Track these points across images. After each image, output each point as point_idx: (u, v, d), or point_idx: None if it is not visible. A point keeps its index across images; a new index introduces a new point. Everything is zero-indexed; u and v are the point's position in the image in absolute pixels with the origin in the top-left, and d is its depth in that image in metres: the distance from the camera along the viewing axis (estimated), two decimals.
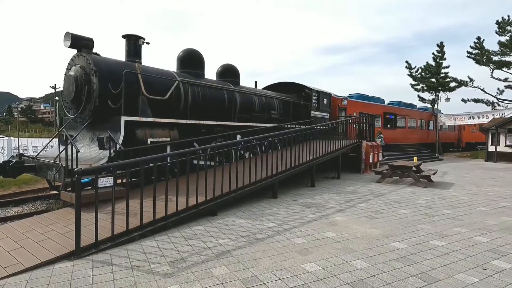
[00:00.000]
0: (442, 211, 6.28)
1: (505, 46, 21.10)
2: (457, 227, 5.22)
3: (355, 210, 6.27)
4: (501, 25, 21.82)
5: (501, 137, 18.76)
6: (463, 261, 3.80)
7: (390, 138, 19.70)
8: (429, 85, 24.12)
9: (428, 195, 7.99)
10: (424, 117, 24.49)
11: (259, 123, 10.93)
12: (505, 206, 6.80)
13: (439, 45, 24.12)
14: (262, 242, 4.39)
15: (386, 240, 4.50)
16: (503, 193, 8.37)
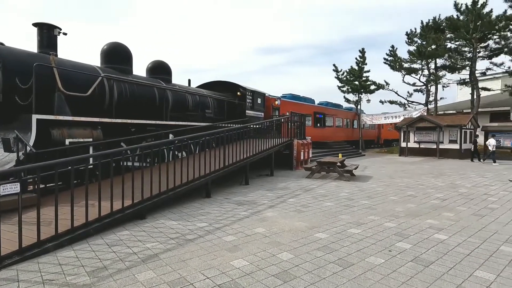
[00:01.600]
0: (360, 202, 6.95)
1: (413, 55, 24.15)
2: (372, 215, 5.84)
3: (285, 205, 6.58)
4: (409, 36, 24.93)
5: (411, 134, 21.44)
6: (374, 245, 4.27)
7: (320, 136, 21.08)
8: (353, 87, 26.43)
9: (350, 188, 8.77)
10: (349, 116, 26.74)
11: (193, 122, 10.74)
12: (410, 195, 7.81)
13: (361, 51, 26.56)
14: (192, 242, 4.34)
15: (310, 232, 4.82)
16: (410, 183, 9.60)
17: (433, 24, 23.41)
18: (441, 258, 3.84)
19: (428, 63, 24.26)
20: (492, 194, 7.94)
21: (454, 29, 21.51)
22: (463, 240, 4.48)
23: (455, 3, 21.28)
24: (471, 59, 22.16)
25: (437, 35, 22.14)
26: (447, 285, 3.15)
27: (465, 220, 5.52)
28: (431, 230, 4.93)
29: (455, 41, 22.73)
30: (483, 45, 21.98)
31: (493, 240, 4.50)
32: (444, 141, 19.95)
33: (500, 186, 9.27)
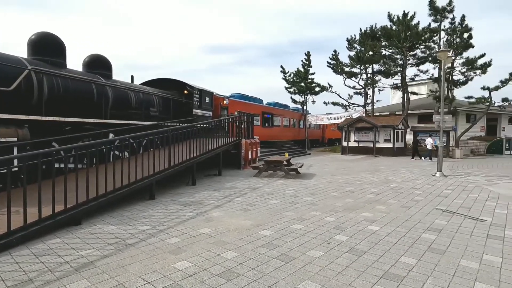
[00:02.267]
0: (304, 199, 7.26)
1: (353, 60, 25.90)
2: (314, 211, 6.13)
3: (232, 205, 6.60)
4: (350, 42, 26.68)
5: (351, 134, 22.97)
6: (315, 239, 4.49)
7: (268, 135, 21.54)
8: (299, 89, 27.49)
9: (295, 185, 9.11)
10: (296, 117, 27.73)
11: (137, 121, 10.24)
12: (349, 190, 8.37)
13: (306, 54, 27.72)
14: (133, 247, 4.14)
15: (256, 230, 4.91)
16: (349, 180, 10.28)
17: (370, 32, 25.33)
18: (373, 247, 4.19)
19: (366, 68, 26.20)
20: (417, 188, 8.86)
21: (388, 38, 23.52)
22: (392, 230, 4.93)
23: (388, 14, 23.29)
24: (402, 65, 24.44)
25: (374, 43, 24.01)
26: (377, 272, 3.44)
27: (394, 212, 6.08)
28: (365, 222, 5.34)
29: (389, 48, 24.83)
30: (412, 54, 24.35)
31: (416, 229, 5.02)
32: (380, 140, 21.73)
33: (425, 180, 10.38)
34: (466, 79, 22.86)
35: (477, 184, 9.54)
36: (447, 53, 11.20)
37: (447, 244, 4.35)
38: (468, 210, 6.35)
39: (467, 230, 5.00)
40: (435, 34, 22.19)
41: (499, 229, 5.04)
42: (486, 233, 4.85)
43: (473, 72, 22.21)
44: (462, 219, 5.66)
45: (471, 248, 4.21)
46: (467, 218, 5.73)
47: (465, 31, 21.35)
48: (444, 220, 5.57)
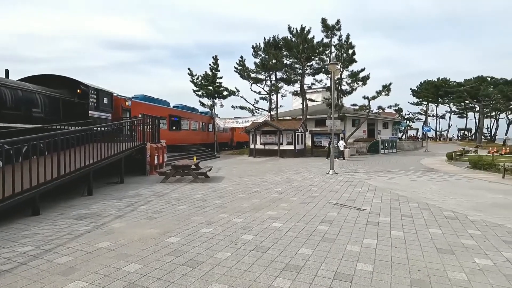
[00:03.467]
0: (213, 202, 7.30)
1: (258, 66, 27.31)
2: (222, 213, 6.22)
3: (136, 214, 6.18)
4: (255, 50, 28.04)
5: (258, 137, 24.11)
6: (222, 241, 4.57)
7: (176, 139, 20.90)
8: (208, 92, 27.51)
9: (204, 189, 9.07)
10: (205, 120, 27.65)
11: (13, 123, 8.65)
12: (256, 191, 8.77)
13: (214, 58, 27.95)
14: (10, 273, 3.49)
15: (162, 238, 4.71)
16: (256, 181, 10.78)
17: (273, 41, 27.13)
18: (276, 243, 4.49)
19: (270, 75, 27.93)
20: (315, 185, 9.86)
21: (289, 48, 25.61)
22: (293, 225, 5.38)
23: (288, 26, 25.36)
24: (301, 74, 26.92)
25: (276, 52, 25.79)
26: (279, 265, 3.71)
27: (295, 209, 6.64)
28: (270, 220, 5.69)
29: (289, 58, 27.03)
30: (309, 64, 27.05)
31: (313, 222, 5.60)
32: (283, 143, 23.39)
33: (320, 178, 11.63)
34: (351, 89, 26.57)
35: (360, 179, 11.18)
36: (336, 66, 12.84)
37: (337, 233, 4.97)
38: (353, 202, 7.39)
39: (352, 219, 5.81)
40: (327, 48, 25.15)
41: (376, 216, 6.01)
42: (366, 220, 5.73)
43: (356, 84, 25.98)
44: (349, 210, 6.55)
45: (355, 234, 4.92)
46: (352, 209, 6.65)
47: (350, 48, 24.85)
48: (335, 212, 6.35)
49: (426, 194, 8.32)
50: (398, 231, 5.09)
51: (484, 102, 45.27)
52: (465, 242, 4.56)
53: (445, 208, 6.70)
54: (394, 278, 3.39)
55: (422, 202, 7.35)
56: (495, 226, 5.38)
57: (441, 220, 5.78)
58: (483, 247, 4.38)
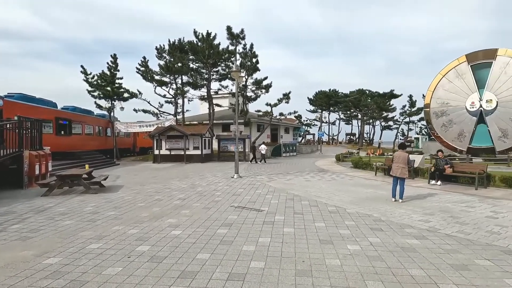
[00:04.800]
0: (106, 214, 6.69)
1: (163, 69, 26.31)
2: (117, 225, 5.76)
3: (4, 235, 5.21)
4: (159, 51, 26.97)
5: (163, 142, 23.14)
6: (114, 255, 4.24)
7: (65, 145, 18.42)
8: (105, 93, 25.11)
9: (97, 200, 8.24)
10: (102, 124, 25.12)
11: None
12: (157, 199, 8.41)
13: (112, 56, 25.74)
14: None
15: (38, 260, 4.09)
16: (159, 188, 10.33)
17: (178, 44, 26.55)
18: (174, 251, 4.40)
19: (175, 78, 27.21)
20: (219, 189, 10.01)
21: (195, 53, 25.46)
22: (192, 232, 5.35)
23: (194, 30, 25.22)
24: (208, 79, 27.04)
25: (182, 55, 25.33)
26: (174, 273, 3.65)
27: (197, 214, 6.62)
28: (169, 229, 5.53)
29: (195, 62, 26.87)
30: (215, 70, 27.38)
31: (213, 226, 5.68)
32: (190, 148, 23.01)
33: (225, 182, 11.86)
34: (256, 96, 27.97)
35: (262, 182, 11.84)
36: (239, 73, 13.36)
37: (235, 235, 5.16)
38: (253, 203, 7.78)
39: (251, 220, 6.11)
40: (232, 56, 25.91)
41: (272, 216, 6.46)
42: (263, 220, 6.11)
43: (260, 91, 27.49)
44: (248, 212, 6.87)
45: (252, 234, 5.19)
46: (252, 210, 7.00)
47: (254, 57, 26.17)
48: (235, 215, 6.58)
49: (316, 192, 9.34)
50: (289, 227, 5.58)
51: (364, 111, 53.41)
52: (342, 232, 5.30)
53: (330, 204, 7.65)
54: (282, 271, 3.71)
55: (313, 199, 8.23)
56: (366, 216, 6.41)
57: (326, 214, 6.58)
58: (355, 235, 5.16)
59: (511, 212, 6.75)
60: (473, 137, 25.01)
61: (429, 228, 5.58)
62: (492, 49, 24.21)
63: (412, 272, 3.69)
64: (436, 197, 8.66)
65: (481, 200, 8.14)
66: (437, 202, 7.95)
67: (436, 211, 6.87)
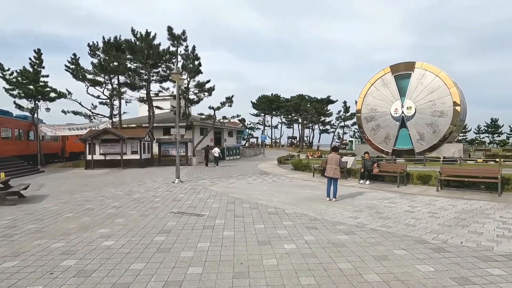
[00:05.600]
0: (26, 227, 5.99)
1: (96, 67, 24.46)
2: (38, 239, 5.20)
3: None
4: (92, 49, 25.04)
5: (97, 146, 21.49)
6: (33, 273, 3.82)
7: None
8: (27, 92, 22.46)
9: (16, 213, 7.33)
10: (23, 126, 22.42)
11: None
12: (88, 208, 7.78)
13: (36, 51, 23.17)
14: None
15: None
16: (90, 197, 9.56)
17: (114, 42, 24.97)
18: (105, 263, 4.12)
19: (111, 78, 25.48)
20: (158, 195, 9.63)
21: (133, 52, 24.18)
22: (127, 241, 5.07)
23: (132, 29, 23.98)
24: (147, 80, 25.87)
25: (118, 54, 23.85)
26: (104, 287, 3.42)
27: (132, 223, 6.29)
28: (100, 239, 5.16)
29: (134, 62, 25.52)
30: (155, 71, 26.31)
31: (150, 234, 5.45)
32: (127, 152, 21.72)
33: (165, 187, 11.46)
34: (198, 98, 27.54)
35: (204, 186, 11.70)
36: (179, 75, 13.05)
37: (173, 241, 5.02)
38: (194, 208, 7.65)
39: (190, 226, 6.01)
40: (174, 57, 25.20)
41: (212, 220, 6.43)
42: (203, 225, 6.05)
43: (203, 94, 27.15)
44: (189, 217, 6.74)
45: (191, 240, 5.10)
46: (192, 215, 6.88)
47: (196, 59, 25.78)
48: (175, 221, 6.40)
49: (257, 195, 9.53)
50: (229, 231, 5.61)
51: (304, 116, 56.12)
52: (280, 233, 5.50)
53: (270, 206, 7.87)
54: (219, 275, 3.71)
55: (253, 202, 8.38)
56: (302, 216, 6.74)
57: (266, 216, 6.76)
58: (292, 234, 5.40)
59: (424, 206, 7.69)
60: (397, 140, 27.95)
61: (357, 224, 6.08)
62: (411, 62, 27.37)
63: (340, 265, 3.99)
64: (365, 195, 9.47)
65: (401, 197, 9.12)
66: (365, 199, 8.70)
67: (364, 208, 7.52)
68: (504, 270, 3.78)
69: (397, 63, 28.08)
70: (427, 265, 3.96)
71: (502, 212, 6.92)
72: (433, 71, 25.88)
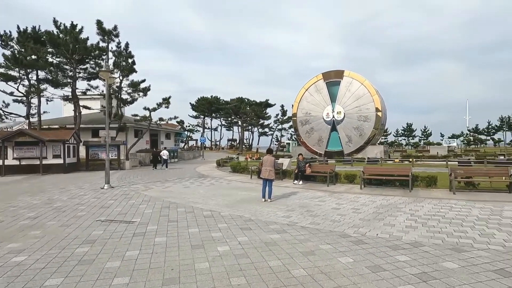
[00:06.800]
0: None
1: (9, 60, 21.55)
2: None
3: None
4: (4, 39, 22.00)
5: (9, 150, 18.90)
6: None
7: None
8: None
9: None
10: None
11: None
12: None
13: None
14: None
15: None
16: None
17: (32, 33, 22.34)
18: (13, 282, 3.65)
19: (28, 72, 22.69)
20: (83, 203, 8.85)
21: (55, 45, 21.88)
22: (42, 255, 4.56)
23: (54, 20, 21.70)
24: (73, 77, 23.63)
25: (37, 46, 21.37)
26: None
27: (51, 234, 5.68)
28: (9, 255, 4.56)
29: (56, 57, 23.11)
30: (83, 67, 24.19)
31: (71, 246, 4.98)
32: (48, 157, 19.54)
33: (92, 194, 10.58)
34: (132, 99, 26.03)
35: (137, 191, 11.10)
36: (109, 73, 12.21)
37: (98, 252, 4.67)
38: (124, 215, 7.21)
39: (119, 234, 5.65)
40: (104, 53, 23.48)
41: (144, 227, 6.14)
42: (133, 232, 5.74)
43: (138, 94, 25.75)
44: (117, 224, 6.33)
45: (118, 249, 4.80)
46: (122, 223, 6.48)
47: (130, 57, 24.36)
48: (101, 230, 5.95)
49: (194, 198, 9.37)
50: (162, 237, 5.42)
51: (243, 118, 56.83)
52: (214, 235, 5.49)
53: (205, 209, 7.80)
54: (148, 283, 3.57)
55: (189, 206, 8.22)
56: (238, 218, 6.82)
57: (201, 219, 6.69)
58: (226, 236, 5.43)
59: (349, 203, 8.39)
60: (329, 142, 29.99)
61: (289, 222, 6.38)
62: (340, 70, 29.65)
63: (271, 263, 4.14)
64: (298, 195, 9.97)
65: (330, 195, 9.82)
66: (298, 199, 9.16)
67: (296, 207, 7.91)
68: (409, 256, 4.32)
69: (328, 71, 30.20)
70: (348, 257, 4.33)
71: (411, 206, 7.90)
72: (358, 79, 28.42)
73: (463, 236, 5.25)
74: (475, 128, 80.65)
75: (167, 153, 23.88)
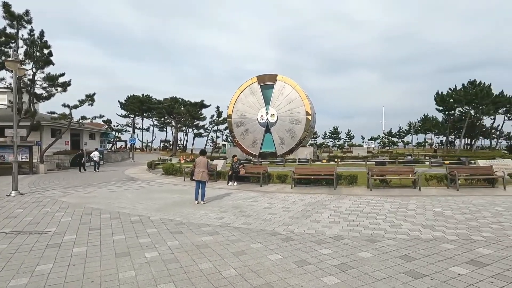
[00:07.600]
0: None
1: None
2: None
3: None
4: None
5: None
6: None
7: None
8: None
9: None
10: None
11: None
12: None
13: None
14: None
15: None
16: None
17: None
18: None
19: None
20: None
21: None
22: None
23: None
24: None
25: None
26: None
27: None
28: None
29: None
30: None
31: None
32: None
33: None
34: (49, 94, 23.20)
35: (53, 198, 9.93)
36: (18, 63, 10.70)
37: (0, 269, 4.05)
38: (36, 225, 6.38)
39: (28, 246, 4.98)
40: (13, 41, 20.50)
41: (60, 237, 5.52)
42: (46, 244, 5.12)
43: (55, 89, 23.04)
44: (27, 236, 5.58)
45: (27, 263, 4.23)
46: (32, 234, 5.72)
47: (45, 47, 21.67)
48: (5, 243, 5.17)
49: (120, 203, 8.74)
50: (81, 247, 4.94)
51: (178, 119, 55.08)
52: (142, 241, 5.20)
53: (133, 214, 7.35)
54: None
55: (115, 211, 7.65)
56: (168, 221, 6.58)
57: (127, 225, 6.27)
58: (155, 241, 5.19)
59: (280, 202, 8.73)
60: (263, 144, 30.83)
61: (222, 224, 6.37)
62: (274, 74, 30.74)
63: (201, 266, 4.08)
64: (232, 195, 10.03)
65: (263, 195, 10.09)
66: (231, 200, 9.21)
67: (229, 208, 7.95)
68: (331, 249, 4.68)
69: (262, 74, 31.06)
70: (277, 254, 4.50)
71: (335, 202, 8.57)
72: (290, 84, 29.83)
73: (376, 228, 5.87)
74: (389, 131, 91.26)
75: (98, 154, 22.37)
